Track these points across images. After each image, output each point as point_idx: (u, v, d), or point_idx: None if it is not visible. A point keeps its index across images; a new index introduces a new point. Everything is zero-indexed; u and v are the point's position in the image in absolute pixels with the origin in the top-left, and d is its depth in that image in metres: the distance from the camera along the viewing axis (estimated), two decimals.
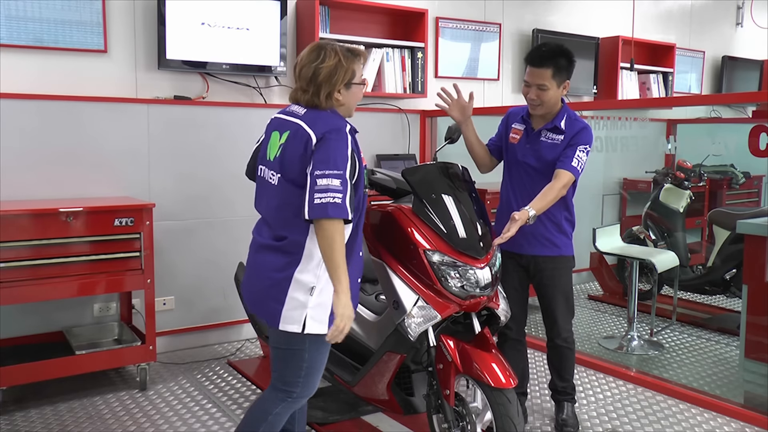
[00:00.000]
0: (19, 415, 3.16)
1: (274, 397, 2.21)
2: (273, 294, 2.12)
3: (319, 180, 2.00)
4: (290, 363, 2.17)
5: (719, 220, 4.67)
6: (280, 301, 2.10)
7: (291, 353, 2.16)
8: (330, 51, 2.14)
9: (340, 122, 2.13)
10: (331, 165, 2.01)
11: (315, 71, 2.12)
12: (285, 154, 2.12)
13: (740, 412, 3.23)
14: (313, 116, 2.13)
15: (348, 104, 2.21)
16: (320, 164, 2.02)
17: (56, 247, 3.20)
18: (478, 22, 5.23)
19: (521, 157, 2.92)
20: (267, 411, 2.20)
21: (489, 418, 2.40)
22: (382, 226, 2.56)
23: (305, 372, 2.17)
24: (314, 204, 1.99)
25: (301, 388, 2.19)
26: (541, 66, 2.77)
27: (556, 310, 2.97)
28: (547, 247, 2.92)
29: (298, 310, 2.09)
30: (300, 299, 2.10)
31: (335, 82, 2.13)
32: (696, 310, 5.06)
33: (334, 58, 2.13)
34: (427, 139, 4.95)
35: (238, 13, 4.05)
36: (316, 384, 2.24)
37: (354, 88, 2.20)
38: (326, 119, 2.12)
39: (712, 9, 6.93)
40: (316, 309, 2.10)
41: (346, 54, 2.16)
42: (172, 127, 3.96)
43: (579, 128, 2.85)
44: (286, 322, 2.11)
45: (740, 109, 6.85)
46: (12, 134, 3.50)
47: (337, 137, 2.06)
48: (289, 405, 2.22)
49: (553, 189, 2.72)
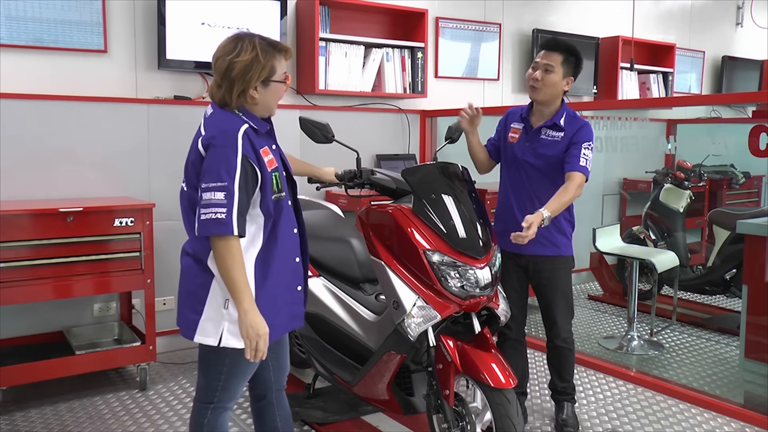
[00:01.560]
0: (19, 415, 3.17)
1: (199, 406, 2.12)
2: (190, 303, 2.02)
3: (204, 194, 1.88)
4: (210, 369, 2.08)
5: (719, 220, 4.66)
6: (198, 311, 1.99)
7: (209, 364, 2.07)
8: (247, 44, 1.96)
9: (232, 125, 1.94)
10: (214, 176, 1.87)
11: (229, 65, 1.95)
12: (187, 160, 2.03)
13: (740, 412, 3.23)
14: (213, 119, 1.99)
15: (265, 103, 2.03)
16: (205, 176, 1.89)
17: (56, 247, 3.20)
18: (478, 22, 5.23)
19: (521, 155, 2.92)
20: (199, 423, 2.12)
21: (489, 418, 2.40)
22: (382, 227, 2.56)
23: (225, 377, 2.07)
24: (200, 220, 1.88)
25: (221, 392, 2.09)
26: (554, 50, 2.85)
27: (555, 310, 2.97)
28: (547, 246, 2.91)
29: (215, 322, 1.98)
30: (217, 312, 1.98)
31: (250, 79, 1.96)
32: (696, 310, 5.06)
33: (251, 52, 1.95)
34: (427, 139, 4.95)
35: (238, 13, 4.05)
36: (239, 390, 2.14)
37: (273, 86, 2.02)
38: (217, 122, 1.96)
39: (712, 9, 6.93)
40: (234, 324, 1.96)
41: (265, 48, 1.98)
42: (172, 127, 3.96)
43: (579, 125, 2.86)
44: (202, 334, 1.99)
45: (740, 109, 6.85)
46: (12, 134, 3.50)
47: (222, 143, 1.89)
48: (217, 411, 2.12)
49: (568, 190, 2.74)
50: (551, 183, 2.83)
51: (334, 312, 2.96)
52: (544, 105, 2.90)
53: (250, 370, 2.13)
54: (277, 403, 2.31)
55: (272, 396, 2.29)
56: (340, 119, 4.49)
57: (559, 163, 2.83)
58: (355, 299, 2.95)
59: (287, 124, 3.79)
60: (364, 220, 2.63)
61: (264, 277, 2.03)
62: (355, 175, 2.65)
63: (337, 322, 2.94)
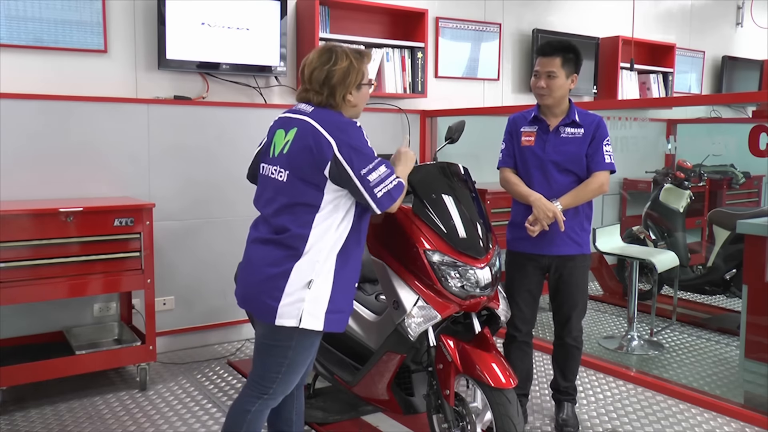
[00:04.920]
0: (19, 415, 3.17)
1: (250, 395, 2.19)
2: (267, 289, 2.10)
3: (369, 176, 2.08)
4: (272, 359, 2.15)
5: (719, 220, 4.67)
6: (276, 297, 2.08)
7: (276, 349, 2.14)
8: (341, 53, 2.18)
9: (347, 118, 2.18)
10: (367, 158, 2.09)
11: (328, 74, 2.16)
12: (293, 150, 2.13)
13: (740, 412, 3.23)
14: (325, 115, 2.15)
15: (359, 105, 2.26)
16: (356, 162, 2.07)
17: (56, 247, 3.20)
18: (478, 22, 5.23)
19: (544, 156, 2.91)
20: (245, 410, 2.18)
21: (489, 418, 2.40)
22: (382, 227, 2.56)
23: (285, 369, 2.15)
24: (379, 197, 2.10)
25: (278, 384, 2.17)
26: (551, 55, 2.86)
27: (572, 308, 2.98)
28: (570, 245, 2.92)
29: (296, 305, 2.08)
30: (298, 293, 2.08)
31: (349, 84, 2.18)
32: (696, 310, 5.06)
33: (345, 60, 2.17)
34: (427, 139, 4.95)
35: (238, 13, 4.05)
36: (295, 382, 2.22)
37: (364, 89, 2.25)
38: (339, 117, 2.16)
39: (712, 9, 6.93)
40: (312, 303, 2.09)
41: (356, 56, 2.21)
42: (172, 127, 3.96)
43: (596, 121, 2.91)
44: (283, 317, 2.09)
45: (740, 109, 6.85)
46: (12, 134, 3.50)
47: (355, 132, 2.12)
48: (266, 402, 2.19)
49: (588, 187, 2.83)
50: (575, 181, 2.88)
51: None
52: (554, 106, 2.92)
53: (310, 359, 2.23)
54: (296, 398, 2.40)
55: (295, 388, 2.35)
56: None
57: (582, 159, 2.87)
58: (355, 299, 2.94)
59: None
60: None
61: (345, 260, 2.15)
62: None
63: None
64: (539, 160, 2.92)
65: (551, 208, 2.78)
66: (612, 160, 2.88)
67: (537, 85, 2.88)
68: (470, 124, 3.05)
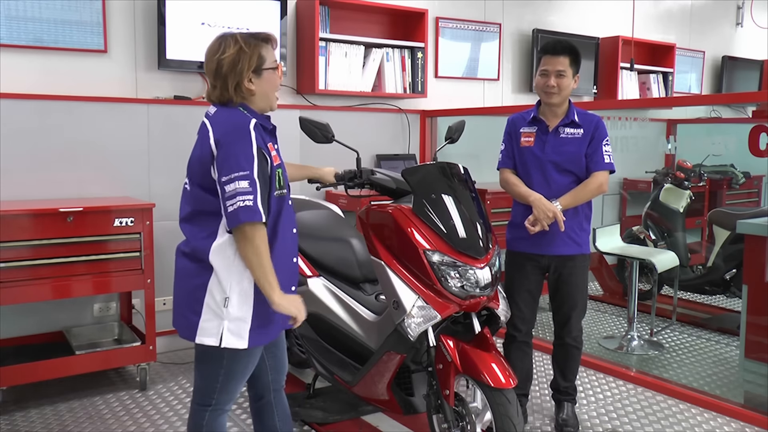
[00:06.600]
0: (19, 415, 3.17)
1: (197, 409, 2.12)
2: (190, 303, 2.01)
3: (227, 186, 1.89)
4: (208, 371, 2.07)
5: (719, 220, 4.66)
6: (197, 312, 1.99)
7: (207, 365, 2.07)
8: (230, 40, 2.03)
9: (243, 119, 1.98)
10: (234, 166, 1.89)
11: (218, 63, 2.02)
12: (192, 155, 2.05)
13: (740, 412, 3.23)
14: (218, 116, 2.02)
15: (263, 93, 2.06)
16: (223, 169, 1.90)
17: (56, 247, 3.20)
18: (478, 22, 5.23)
19: (544, 157, 2.91)
20: (198, 425, 2.12)
21: (489, 418, 2.40)
22: (382, 227, 2.56)
23: (223, 379, 2.06)
24: (229, 213, 1.89)
25: (219, 395, 2.09)
26: (560, 54, 2.87)
27: (572, 308, 2.98)
28: (569, 245, 2.92)
29: (215, 321, 1.98)
30: (215, 310, 1.98)
31: (240, 71, 2.01)
32: (696, 310, 5.06)
33: (234, 46, 2.01)
34: (427, 139, 4.95)
35: (238, 13, 4.05)
36: (237, 391, 2.14)
37: (266, 75, 2.06)
38: (228, 118, 2.00)
39: (712, 9, 6.93)
40: (234, 322, 1.98)
41: (248, 40, 2.04)
42: (172, 127, 3.96)
43: (595, 121, 2.92)
44: (203, 335, 1.99)
45: (740, 109, 6.85)
46: (12, 134, 3.50)
47: (237, 136, 1.93)
48: (214, 413, 2.11)
49: (587, 187, 2.84)
50: (574, 181, 2.89)
51: (334, 312, 2.96)
52: (557, 106, 2.92)
53: (248, 370, 2.13)
54: (275, 403, 2.31)
55: (271, 396, 2.29)
56: (340, 119, 4.49)
57: (582, 160, 2.88)
58: (355, 299, 2.94)
59: (287, 124, 3.77)
60: (364, 220, 2.63)
61: None
62: (355, 175, 2.65)
63: (337, 322, 2.94)
64: (538, 160, 2.92)
65: (551, 208, 2.78)
66: (611, 160, 2.89)
67: (547, 83, 2.87)
68: (470, 124, 3.05)
